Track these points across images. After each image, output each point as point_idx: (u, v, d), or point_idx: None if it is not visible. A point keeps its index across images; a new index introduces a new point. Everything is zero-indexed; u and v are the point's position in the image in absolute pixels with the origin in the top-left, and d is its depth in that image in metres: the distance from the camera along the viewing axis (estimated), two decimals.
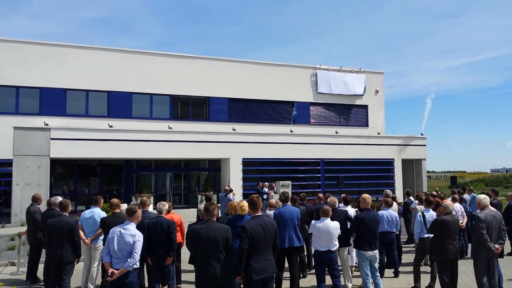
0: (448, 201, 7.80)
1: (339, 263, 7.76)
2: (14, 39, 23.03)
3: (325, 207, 7.27)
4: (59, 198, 8.48)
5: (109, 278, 5.44)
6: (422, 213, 8.74)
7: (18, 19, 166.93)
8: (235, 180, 23.75)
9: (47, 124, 21.36)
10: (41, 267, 9.10)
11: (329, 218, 7.14)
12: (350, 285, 8.46)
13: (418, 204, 10.90)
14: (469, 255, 8.67)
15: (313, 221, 7.21)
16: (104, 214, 8.11)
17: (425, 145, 28.56)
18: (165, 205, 7.28)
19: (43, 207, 9.55)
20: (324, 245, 6.95)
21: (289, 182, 22.96)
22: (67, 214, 7.47)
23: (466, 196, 13.30)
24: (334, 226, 7.06)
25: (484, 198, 7.42)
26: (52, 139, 20.36)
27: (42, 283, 8.72)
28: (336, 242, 7.04)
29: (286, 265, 7.95)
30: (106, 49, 24.78)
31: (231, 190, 18.84)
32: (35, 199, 9.48)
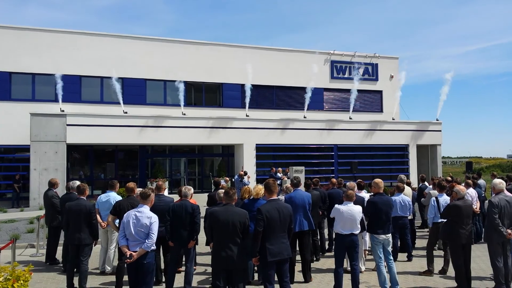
0: (460, 186, 7.75)
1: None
2: (29, 26, 23.30)
3: (349, 192, 7.28)
4: (77, 182, 8.65)
5: (128, 260, 5.56)
6: (436, 198, 8.72)
7: (32, 8, 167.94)
8: (248, 165, 23.85)
9: (63, 111, 21.64)
10: (59, 249, 9.34)
11: (352, 203, 7.15)
12: (363, 268, 8.54)
13: (432, 189, 10.86)
14: (483, 240, 8.67)
15: (336, 205, 7.21)
16: (119, 198, 8.25)
17: (440, 131, 28.24)
18: (190, 189, 7.38)
19: (60, 191, 9.75)
20: (347, 229, 6.98)
21: (303, 168, 22.92)
22: (84, 198, 7.62)
23: (480, 181, 13.21)
24: (357, 210, 7.08)
25: (499, 182, 7.37)
26: (68, 125, 20.65)
27: (61, 265, 8.95)
28: (359, 226, 7.07)
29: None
30: (120, 36, 24.91)
31: (245, 173, 18.92)
32: (52, 184, 9.67)
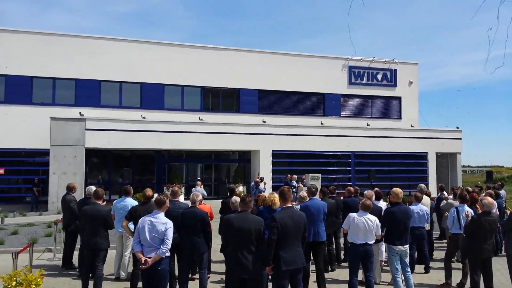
0: (489, 199, 7.41)
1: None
2: (51, 31, 23.76)
3: (367, 202, 7.17)
4: (94, 188, 8.71)
5: (143, 266, 5.57)
6: (456, 208, 8.53)
7: (54, 14, 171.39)
8: (264, 172, 23.79)
9: (82, 115, 21.95)
10: (76, 254, 9.41)
11: (368, 213, 7.04)
12: (378, 280, 8.37)
13: (452, 199, 10.65)
14: (503, 252, 8.43)
15: (352, 214, 7.10)
16: (135, 203, 8.28)
17: (460, 139, 27.79)
18: (198, 196, 7.36)
19: (78, 195, 9.83)
20: (362, 239, 6.87)
21: (319, 175, 22.80)
22: (100, 203, 7.67)
23: (501, 191, 12.90)
24: (374, 220, 6.96)
25: None
26: (87, 129, 20.93)
27: (77, 270, 9.02)
28: (374, 236, 6.95)
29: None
30: (139, 41, 25.18)
31: (262, 180, 18.83)
32: (70, 188, 9.75)
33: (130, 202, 8.46)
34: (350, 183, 24.38)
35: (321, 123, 26.63)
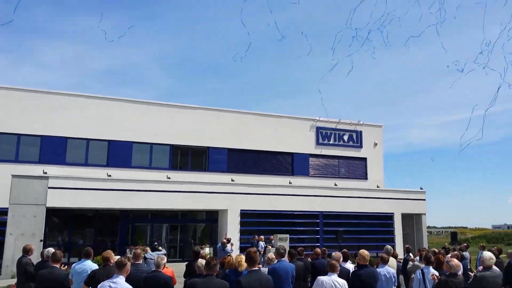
0: (455, 261, 7.44)
1: None
2: (18, 87, 23.36)
3: (333, 262, 7.09)
4: (52, 250, 8.33)
5: None
6: (422, 270, 8.54)
7: (25, 69, 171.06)
8: (232, 232, 23.40)
9: (45, 173, 21.33)
10: None
11: (336, 274, 6.94)
12: None
13: (419, 261, 10.68)
14: None
15: (320, 277, 6.97)
16: (96, 267, 7.93)
17: (424, 200, 28.39)
18: (163, 259, 7.14)
19: (34, 258, 9.35)
20: None
21: (287, 236, 22.62)
22: (58, 266, 7.32)
23: (466, 253, 13.08)
24: (342, 283, 6.85)
25: (490, 258, 7.10)
26: (50, 188, 20.27)
27: None
28: None
29: None
30: (109, 98, 25.06)
31: (229, 241, 18.50)
32: (27, 251, 9.30)
33: (90, 265, 8.08)
34: (318, 244, 24.22)
35: (290, 182, 26.77)
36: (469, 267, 12.19)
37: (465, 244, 16.04)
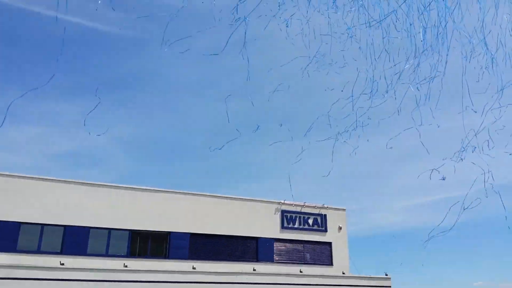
0: None
1: None
2: None
3: None
4: None
5: None
6: None
7: None
8: None
9: None
10: None
11: None
12: None
13: None
14: None
15: None
16: None
17: (390, 286, 27.99)
18: None
19: None
20: None
21: None
22: None
23: None
24: None
25: None
26: None
27: None
28: None
29: None
30: (65, 181, 24.00)
31: None
32: None
33: None
34: None
35: (254, 269, 25.91)
36: None
37: None
